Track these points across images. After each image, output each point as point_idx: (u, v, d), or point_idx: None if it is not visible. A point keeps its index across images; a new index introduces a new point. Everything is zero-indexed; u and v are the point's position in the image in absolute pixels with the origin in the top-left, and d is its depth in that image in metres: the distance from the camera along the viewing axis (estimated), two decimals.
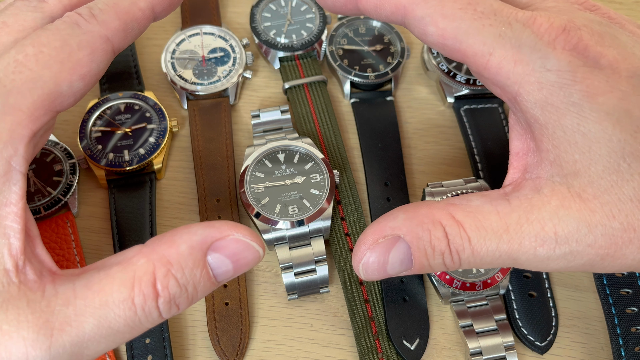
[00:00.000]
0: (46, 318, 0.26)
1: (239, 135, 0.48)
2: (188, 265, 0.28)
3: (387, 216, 0.31)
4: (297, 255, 0.41)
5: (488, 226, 0.30)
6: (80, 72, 0.30)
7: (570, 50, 0.30)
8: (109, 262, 0.29)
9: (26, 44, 0.29)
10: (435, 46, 0.33)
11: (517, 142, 0.33)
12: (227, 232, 0.29)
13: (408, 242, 0.30)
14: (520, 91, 0.31)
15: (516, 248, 0.30)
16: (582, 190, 0.29)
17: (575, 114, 0.29)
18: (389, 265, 0.31)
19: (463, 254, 0.30)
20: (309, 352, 0.40)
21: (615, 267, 0.30)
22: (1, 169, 0.28)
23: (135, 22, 0.33)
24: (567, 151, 0.30)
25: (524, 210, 0.30)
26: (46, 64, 0.29)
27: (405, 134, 0.48)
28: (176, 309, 0.28)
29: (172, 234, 0.29)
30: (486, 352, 0.39)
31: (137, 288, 0.27)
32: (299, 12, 0.50)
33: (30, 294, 0.27)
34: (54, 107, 0.30)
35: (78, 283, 0.28)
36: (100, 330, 0.27)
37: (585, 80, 0.29)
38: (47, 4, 0.32)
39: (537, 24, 0.30)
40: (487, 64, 0.31)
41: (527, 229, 0.30)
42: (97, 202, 0.45)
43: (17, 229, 0.28)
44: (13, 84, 0.28)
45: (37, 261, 0.29)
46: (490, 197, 0.31)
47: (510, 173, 0.33)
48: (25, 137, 0.28)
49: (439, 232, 0.30)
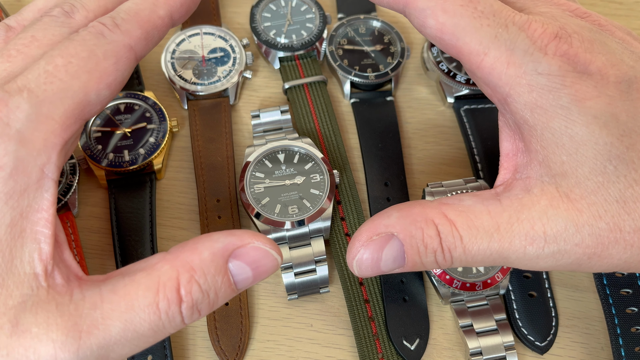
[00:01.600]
0: (74, 321, 0.27)
1: (239, 135, 0.48)
2: (210, 272, 0.29)
3: (382, 214, 0.32)
4: (297, 256, 0.41)
5: (480, 225, 0.31)
6: (107, 81, 0.31)
7: (561, 56, 0.31)
8: (133, 268, 0.29)
9: (55, 55, 0.30)
10: (432, 39, 0.33)
11: (506, 143, 0.34)
12: (248, 240, 0.30)
13: (401, 240, 0.31)
14: (511, 92, 0.31)
15: (507, 247, 0.30)
16: (569, 191, 0.30)
17: (564, 117, 0.30)
18: (382, 262, 0.32)
19: (455, 252, 0.31)
20: (309, 352, 0.40)
21: (602, 266, 0.31)
22: (34, 176, 0.28)
23: (156, 30, 0.34)
24: (555, 152, 0.31)
25: (514, 210, 0.31)
26: (75, 74, 0.30)
27: (405, 134, 0.48)
28: (198, 315, 0.29)
29: (195, 242, 0.30)
30: (486, 352, 0.39)
31: (161, 293, 0.28)
32: (299, 12, 0.50)
33: (58, 298, 0.27)
34: (83, 116, 0.31)
35: (104, 288, 0.28)
36: (126, 333, 0.27)
37: (574, 85, 0.30)
38: (74, 20, 0.33)
39: (531, 29, 0.31)
40: (481, 64, 0.32)
41: (518, 228, 0.30)
42: (97, 202, 0.45)
43: (47, 235, 0.28)
44: (45, 94, 0.29)
45: (65, 266, 0.29)
46: (482, 197, 0.32)
47: (501, 174, 0.34)
48: (57, 145, 0.29)
49: (432, 230, 0.31)
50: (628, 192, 0.29)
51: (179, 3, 0.35)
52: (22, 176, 0.28)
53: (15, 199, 0.28)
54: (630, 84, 0.30)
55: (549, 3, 0.34)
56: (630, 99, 0.30)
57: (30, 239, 0.28)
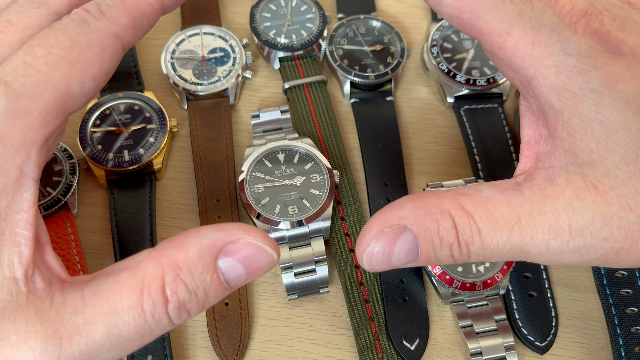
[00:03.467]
0: (55, 327, 0.26)
1: (239, 135, 0.48)
2: (197, 270, 0.27)
3: (394, 205, 0.30)
4: (297, 256, 0.41)
5: (499, 217, 0.29)
6: (91, 72, 0.29)
7: (592, 35, 0.28)
8: (118, 267, 0.28)
9: (34, 44, 0.28)
10: (449, 18, 0.31)
11: (528, 129, 0.32)
12: (239, 235, 0.28)
13: (415, 233, 0.29)
14: (536, 75, 0.29)
15: (528, 240, 0.28)
16: (597, 181, 0.28)
17: (594, 101, 0.28)
18: (394, 256, 0.29)
19: (472, 246, 0.29)
20: (309, 352, 0.40)
21: (630, 261, 0.29)
22: (13, 175, 0.27)
23: (145, 17, 0.31)
24: (583, 139, 0.28)
25: (537, 201, 0.29)
26: (56, 65, 0.28)
27: (405, 134, 0.48)
28: (187, 315, 0.28)
29: (183, 237, 0.28)
30: (486, 353, 0.39)
31: (146, 294, 0.26)
32: (299, 12, 0.50)
33: (38, 303, 0.26)
34: (66, 110, 0.29)
35: (87, 290, 0.27)
36: (109, 338, 0.26)
37: (605, 66, 0.28)
38: (52, 1, 0.31)
39: (559, 5, 0.29)
40: (503, 44, 0.30)
41: (540, 220, 0.28)
42: (97, 202, 0.45)
43: (27, 237, 0.27)
44: (23, 87, 0.27)
45: (47, 269, 0.28)
46: (502, 187, 0.30)
47: (521, 162, 0.32)
48: (37, 142, 0.27)
49: (448, 222, 0.29)
50: None
51: None
52: (0, 176, 0.26)
53: None
54: None
55: None
56: None
57: (10, 241, 0.27)
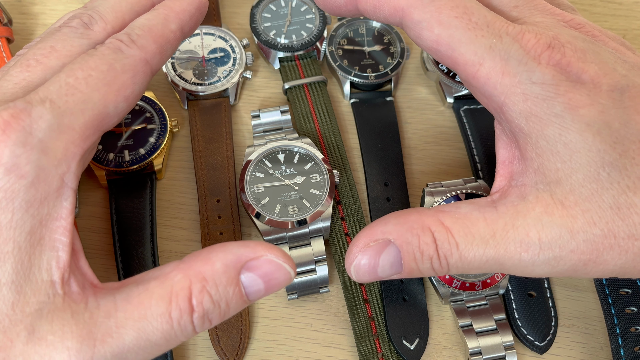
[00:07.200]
0: (89, 329, 0.27)
1: (239, 135, 0.48)
2: (222, 283, 0.29)
3: (379, 221, 0.33)
4: (297, 255, 0.41)
5: (475, 232, 0.31)
6: (125, 94, 0.32)
7: (554, 66, 0.31)
8: (147, 276, 0.30)
9: (75, 67, 0.30)
10: (428, 50, 0.34)
11: (503, 150, 0.35)
12: (261, 252, 0.30)
13: (398, 247, 0.32)
14: (506, 101, 0.32)
15: (502, 253, 0.31)
16: (564, 198, 0.30)
17: (558, 125, 0.31)
18: (379, 268, 0.32)
19: (451, 258, 0.31)
20: (309, 352, 0.40)
21: (597, 272, 0.31)
22: (54, 184, 0.29)
23: (169, 44, 0.34)
24: (550, 160, 0.31)
25: (510, 217, 0.31)
26: (95, 86, 0.30)
27: (405, 134, 0.48)
28: (209, 324, 0.29)
29: (209, 251, 0.30)
30: (486, 352, 0.39)
31: (174, 302, 0.28)
32: (299, 13, 0.51)
33: (74, 306, 0.28)
34: (102, 127, 0.31)
35: (118, 296, 0.29)
36: (139, 342, 0.28)
37: (567, 93, 0.31)
38: (93, 32, 0.33)
39: (525, 39, 0.32)
40: (477, 74, 0.32)
41: (513, 234, 0.31)
42: (97, 202, 0.45)
43: (65, 243, 0.29)
44: (67, 105, 0.29)
45: (80, 274, 0.30)
46: (479, 205, 0.32)
47: (497, 181, 0.34)
48: (77, 155, 0.30)
49: (428, 237, 0.31)
50: (621, 199, 0.30)
51: (188, 16, 0.35)
52: (43, 185, 0.28)
53: (35, 207, 0.28)
54: (622, 92, 0.31)
55: (545, 13, 0.34)
56: (623, 107, 0.30)
57: (49, 246, 0.28)
